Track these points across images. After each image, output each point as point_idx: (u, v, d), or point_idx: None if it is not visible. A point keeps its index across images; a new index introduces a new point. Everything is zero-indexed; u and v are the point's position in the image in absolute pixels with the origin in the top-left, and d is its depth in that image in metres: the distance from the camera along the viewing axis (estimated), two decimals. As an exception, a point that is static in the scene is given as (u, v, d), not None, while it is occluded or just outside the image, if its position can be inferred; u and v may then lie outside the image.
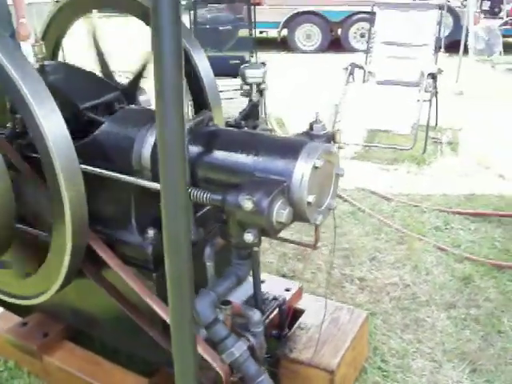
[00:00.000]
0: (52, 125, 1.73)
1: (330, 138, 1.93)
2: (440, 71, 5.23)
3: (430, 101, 5.11)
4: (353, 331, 2.25)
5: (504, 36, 9.44)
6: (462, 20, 8.60)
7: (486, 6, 10.01)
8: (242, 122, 1.98)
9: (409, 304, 2.85)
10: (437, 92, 5.24)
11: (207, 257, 1.92)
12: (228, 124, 1.99)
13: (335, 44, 11.09)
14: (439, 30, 5.67)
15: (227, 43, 7.45)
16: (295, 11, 10.91)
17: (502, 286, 2.96)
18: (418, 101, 4.83)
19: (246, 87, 2.00)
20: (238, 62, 6.15)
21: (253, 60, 6.50)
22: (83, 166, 1.88)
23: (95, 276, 2.10)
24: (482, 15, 9.84)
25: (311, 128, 1.92)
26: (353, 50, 10.66)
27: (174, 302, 1.20)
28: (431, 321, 2.71)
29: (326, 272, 3.08)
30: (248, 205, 1.60)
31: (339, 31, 11.08)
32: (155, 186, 1.91)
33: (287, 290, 2.42)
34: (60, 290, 2.03)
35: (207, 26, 7.29)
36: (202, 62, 2.39)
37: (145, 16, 2.49)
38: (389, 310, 2.79)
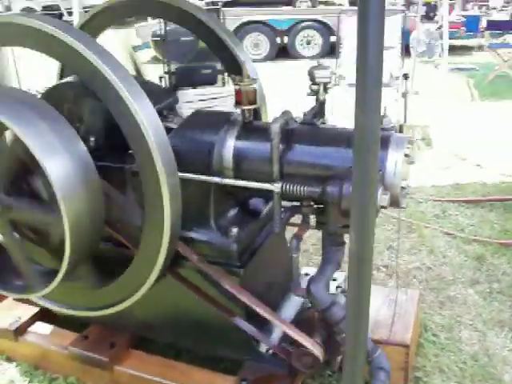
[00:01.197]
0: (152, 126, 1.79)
1: (397, 130, 2.10)
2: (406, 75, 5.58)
3: (405, 100, 5.43)
4: (414, 308, 2.42)
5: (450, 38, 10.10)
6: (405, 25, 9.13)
7: (423, 11, 10.66)
8: (315, 120, 2.11)
9: (437, 284, 3.06)
10: (407, 92, 5.58)
11: (294, 248, 2.03)
12: (302, 122, 2.10)
13: (283, 52, 11.40)
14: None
15: (189, 54, 7.53)
16: (243, 21, 11.13)
17: (513, 261, 3.25)
18: (396, 100, 5.13)
19: (315, 87, 2.12)
20: (210, 70, 6.25)
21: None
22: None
23: (177, 276, 2.15)
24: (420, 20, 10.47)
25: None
26: (300, 57, 11.03)
27: (352, 289, 1.30)
28: (462, 297, 2.94)
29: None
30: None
31: (286, 39, 11.41)
32: (242, 183, 2.01)
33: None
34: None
35: (168, 39, 7.35)
36: (249, 63, 2.50)
37: (180, 18, 2.59)
38: (421, 291, 2.98)
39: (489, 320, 2.73)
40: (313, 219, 2.01)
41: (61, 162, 1.72)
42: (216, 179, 2.01)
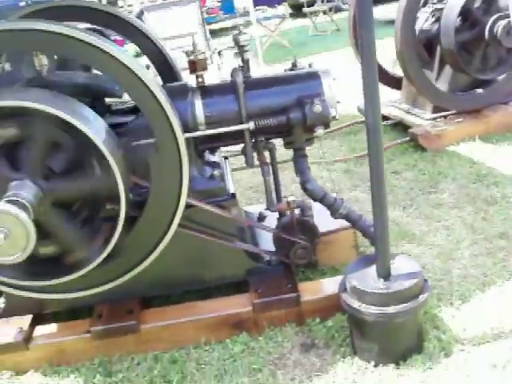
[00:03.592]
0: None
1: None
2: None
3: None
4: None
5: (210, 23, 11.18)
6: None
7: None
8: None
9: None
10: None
11: (266, 173, 2.62)
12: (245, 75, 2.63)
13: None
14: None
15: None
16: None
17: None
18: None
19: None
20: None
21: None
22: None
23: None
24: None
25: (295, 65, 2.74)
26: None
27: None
28: (353, 197, 3.82)
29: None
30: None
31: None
32: (222, 130, 2.48)
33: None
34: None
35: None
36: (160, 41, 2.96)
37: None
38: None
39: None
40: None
41: (101, 132, 2.04)
42: (200, 132, 2.45)
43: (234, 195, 2.60)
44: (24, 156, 2.03)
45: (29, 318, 2.65)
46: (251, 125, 2.44)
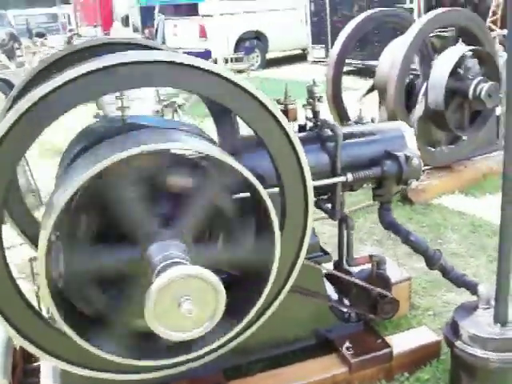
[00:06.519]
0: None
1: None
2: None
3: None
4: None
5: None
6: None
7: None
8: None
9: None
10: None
11: (350, 227, 2.59)
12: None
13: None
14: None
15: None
16: None
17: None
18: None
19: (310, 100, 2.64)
20: None
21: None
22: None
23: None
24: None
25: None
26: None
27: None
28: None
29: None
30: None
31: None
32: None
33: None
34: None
35: None
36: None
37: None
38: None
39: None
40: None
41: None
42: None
43: (327, 252, 2.51)
44: (181, 211, 1.78)
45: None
46: (349, 177, 2.41)
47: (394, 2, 9.35)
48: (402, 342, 2.59)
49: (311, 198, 2.08)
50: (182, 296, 1.53)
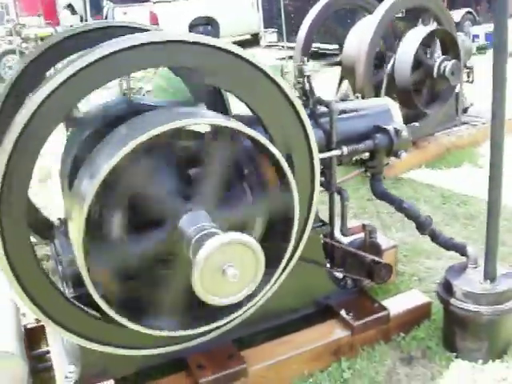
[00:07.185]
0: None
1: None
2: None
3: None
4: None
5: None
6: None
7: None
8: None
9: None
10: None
11: (345, 198, 2.72)
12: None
13: None
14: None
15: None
16: None
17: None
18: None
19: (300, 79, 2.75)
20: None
21: None
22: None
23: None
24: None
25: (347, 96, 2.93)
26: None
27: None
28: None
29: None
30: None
31: None
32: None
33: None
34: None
35: None
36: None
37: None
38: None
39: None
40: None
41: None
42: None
43: (325, 222, 2.63)
44: (201, 181, 1.85)
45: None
46: (345, 150, 2.54)
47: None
48: (397, 305, 2.76)
49: (317, 166, 2.23)
50: (224, 263, 1.61)
